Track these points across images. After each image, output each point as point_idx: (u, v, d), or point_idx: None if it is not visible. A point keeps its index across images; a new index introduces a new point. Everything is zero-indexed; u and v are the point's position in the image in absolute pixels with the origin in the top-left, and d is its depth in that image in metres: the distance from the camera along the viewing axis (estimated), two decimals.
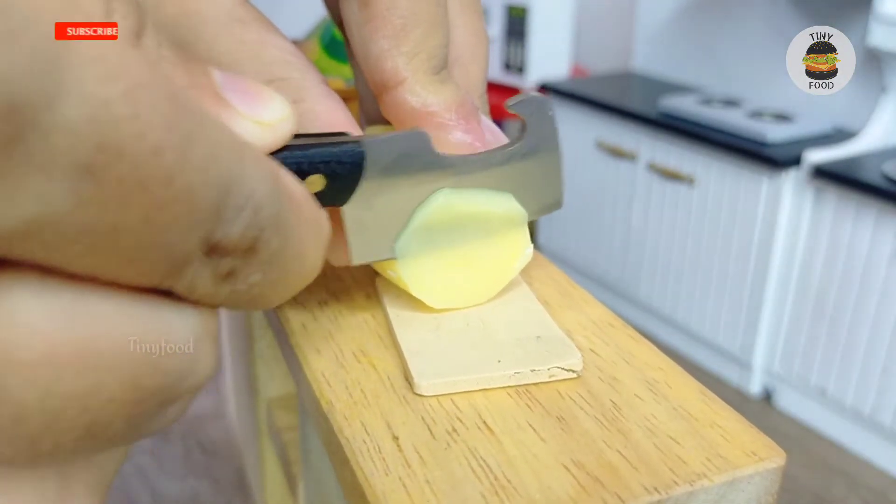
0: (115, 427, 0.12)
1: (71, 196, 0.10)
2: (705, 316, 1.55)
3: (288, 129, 0.17)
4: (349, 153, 0.19)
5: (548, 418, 0.19)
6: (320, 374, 0.20)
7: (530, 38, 1.81)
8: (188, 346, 0.13)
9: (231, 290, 0.13)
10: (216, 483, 1.23)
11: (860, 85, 1.41)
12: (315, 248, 0.15)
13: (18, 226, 0.10)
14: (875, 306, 1.25)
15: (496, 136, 0.22)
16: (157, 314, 0.12)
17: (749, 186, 1.40)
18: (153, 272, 0.11)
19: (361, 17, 0.21)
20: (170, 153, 0.10)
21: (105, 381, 0.11)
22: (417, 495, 0.16)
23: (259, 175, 0.12)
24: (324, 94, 0.21)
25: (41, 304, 0.11)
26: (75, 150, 0.09)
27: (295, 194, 0.14)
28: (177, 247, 0.11)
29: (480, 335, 0.21)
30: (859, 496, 1.27)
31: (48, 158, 0.09)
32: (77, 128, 0.09)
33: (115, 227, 0.10)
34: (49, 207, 0.10)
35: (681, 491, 0.17)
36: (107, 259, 0.11)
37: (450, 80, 0.22)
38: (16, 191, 0.09)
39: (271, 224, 0.13)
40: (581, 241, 1.80)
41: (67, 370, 0.11)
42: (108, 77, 0.10)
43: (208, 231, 0.12)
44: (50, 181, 0.09)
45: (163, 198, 0.11)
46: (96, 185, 0.10)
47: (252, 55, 0.20)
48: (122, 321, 0.12)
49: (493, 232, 0.22)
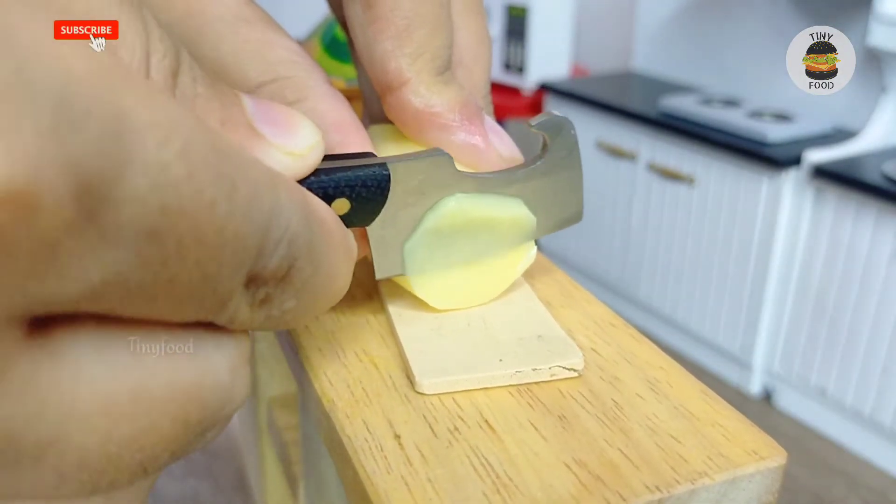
0: (164, 459, 0.12)
1: (136, 258, 0.10)
2: (705, 316, 1.55)
3: (317, 157, 0.17)
4: (375, 177, 0.19)
5: (549, 417, 0.19)
6: (322, 373, 0.20)
7: (530, 38, 1.81)
8: (226, 376, 0.13)
9: (266, 315, 0.13)
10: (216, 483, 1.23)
11: (860, 85, 1.41)
12: (344, 269, 0.16)
13: (86, 290, 0.10)
14: (875, 306, 1.25)
15: (500, 137, 0.22)
16: (199, 351, 0.13)
17: (749, 186, 1.40)
18: (199, 310, 0.12)
19: (365, 18, 0.21)
20: (222, 203, 0.11)
21: (157, 422, 0.12)
22: (419, 494, 0.16)
23: (293, 206, 0.13)
24: (328, 94, 0.21)
25: (100, 357, 0.11)
26: (141, 216, 0.10)
27: (325, 220, 0.15)
28: (223, 286, 0.12)
29: (482, 334, 0.21)
30: (859, 496, 1.27)
31: (117, 228, 0.10)
32: (143, 196, 0.10)
33: (171, 279, 0.11)
34: (115, 272, 0.10)
35: (682, 489, 0.17)
36: (160, 305, 0.11)
37: (453, 81, 0.22)
38: (85, 262, 0.10)
39: (304, 252, 0.13)
40: (581, 241, 1.80)
41: (124, 416, 0.11)
42: (166, 140, 0.10)
43: (251, 267, 0.12)
44: (117, 250, 0.10)
45: (215, 246, 0.11)
46: (159, 245, 0.10)
47: (257, 54, 0.20)
48: (169, 364, 0.12)
49: (501, 236, 0.22)
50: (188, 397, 0.12)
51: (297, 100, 0.20)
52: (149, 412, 0.12)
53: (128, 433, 0.11)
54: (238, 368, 0.13)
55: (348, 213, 0.19)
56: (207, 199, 0.10)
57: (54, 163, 0.08)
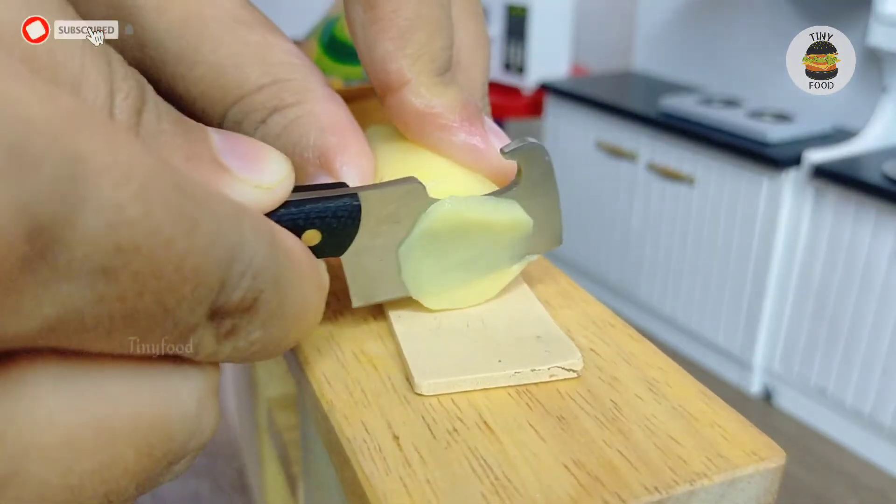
0: (129, 492, 0.12)
1: (91, 294, 0.10)
2: (705, 316, 1.55)
3: (285, 190, 0.17)
4: (345, 208, 0.19)
5: (548, 418, 0.19)
6: (321, 374, 0.20)
7: (530, 38, 1.81)
8: (193, 408, 0.13)
9: (233, 346, 0.13)
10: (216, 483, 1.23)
11: (860, 85, 1.41)
12: (314, 300, 0.16)
13: (40, 326, 0.10)
14: (875, 306, 1.25)
15: (500, 138, 0.23)
16: (164, 383, 0.13)
17: (749, 186, 1.40)
18: (161, 343, 0.12)
19: (366, 18, 0.21)
20: (180, 240, 0.11)
21: (120, 454, 0.12)
22: (418, 495, 0.16)
23: (258, 239, 0.13)
24: (326, 97, 0.21)
25: (60, 390, 0.11)
26: (96, 255, 0.10)
27: (292, 252, 0.15)
28: (184, 320, 0.12)
29: (481, 335, 0.21)
30: (859, 496, 1.27)
31: (70, 267, 0.10)
32: (96, 235, 0.10)
33: (130, 313, 0.11)
34: (70, 308, 0.10)
35: (681, 490, 0.17)
36: (119, 339, 0.11)
37: (453, 83, 0.22)
38: (38, 298, 0.10)
39: (270, 284, 0.13)
40: (581, 240, 1.80)
41: (86, 449, 0.11)
42: (121, 181, 0.10)
43: (213, 300, 0.12)
44: (71, 285, 0.10)
45: (173, 281, 0.11)
46: (115, 282, 0.10)
47: (256, 57, 0.20)
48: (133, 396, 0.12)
49: (498, 238, 0.22)
50: (153, 430, 0.12)
51: (295, 102, 0.20)
52: (112, 445, 0.11)
53: (90, 467, 0.11)
54: (205, 400, 0.13)
55: (319, 243, 0.19)
56: (164, 238, 0.11)
57: (6, 206, 0.09)
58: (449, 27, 0.21)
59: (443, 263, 0.21)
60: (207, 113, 0.21)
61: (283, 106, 0.20)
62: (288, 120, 0.20)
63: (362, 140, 0.21)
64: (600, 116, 1.67)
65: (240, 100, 0.20)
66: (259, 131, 0.20)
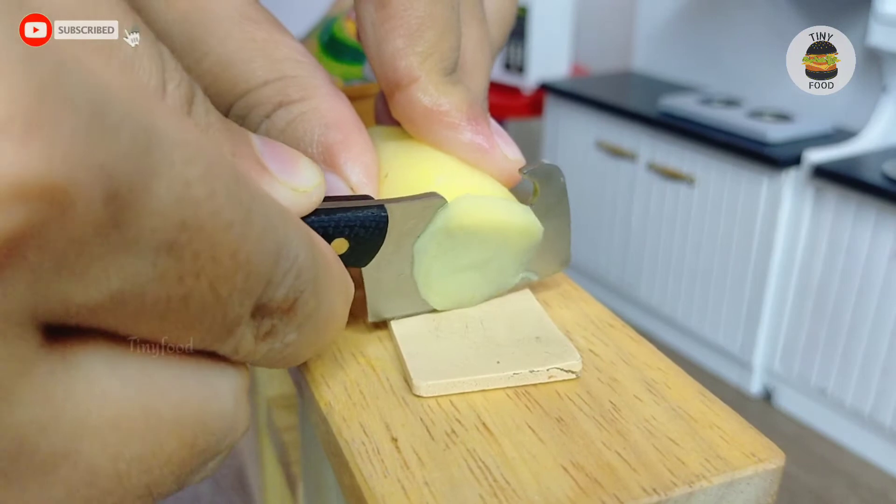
0: (168, 485, 0.12)
1: (153, 271, 0.10)
2: (705, 316, 1.55)
3: (320, 195, 0.18)
4: (374, 218, 0.19)
5: (547, 419, 0.19)
6: (319, 376, 0.20)
7: (530, 38, 1.81)
8: (231, 405, 0.13)
9: (269, 348, 0.14)
10: (216, 483, 1.23)
11: (860, 85, 1.41)
12: (342, 307, 0.16)
13: (103, 300, 0.10)
14: (875, 306, 1.25)
15: (505, 140, 0.23)
16: (206, 378, 0.13)
17: (749, 186, 1.40)
18: (207, 335, 0.12)
19: (378, 17, 0.21)
20: (238, 227, 0.11)
21: (165, 444, 0.12)
22: (416, 497, 0.16)
23: (300, 240, 0.13)
24: (331, 94, 0.21)
25: (113, 372, 0.11)
26: (162, 229, 0.10)
27: (327, 257, 0.15)
28: (232, 311, 0.12)
29: (479, 336, 0.21)
30: (859, 496, 1.27)
31: (138, 238, 0.10)
32: (166, 209, 0.10)
33: (185, 297, 0.11)
34: (133, 282, 0.10)
35: (679, 492, 0.16)
36: (170, 325, 0.11)
37: (460, 83, 0.22)
38: (106, 268, 0.10)
39: (310, 286, 0.14)
40: (581, 241, 1.80)
41: (134, 434, 0.11)
42: (191, 159, 0.10)
43: (260, 295, 0.12)
44: (137, 258, 0.10)
45: (228, 268, 0.11)
46: (176, 260, 0.10)
47: (262, 53, 0.21)
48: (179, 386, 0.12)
49: (510, 243, 0.22)
50: (195, 421, 0.12)
51: (300, 98, 0.20)
52: (158, 431, 0.12)
53: (137, 452, 0.11)
54: (240, 398, 0.14)
55: (345, 253, 0.19)
56: (225, 221, 0.11)
57: (88, 165, 0.09)
58: (458, 28, 0.22)
59: (454, 264, 0.21)
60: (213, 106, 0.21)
61: (288, 101, 0.20)
62: (293, 115, 0.20)
63: (366, 137, 0.21)
64: (600, 116, 1.67)
65: (245, 94, 0.20)
66: (264, 126, 0.21)
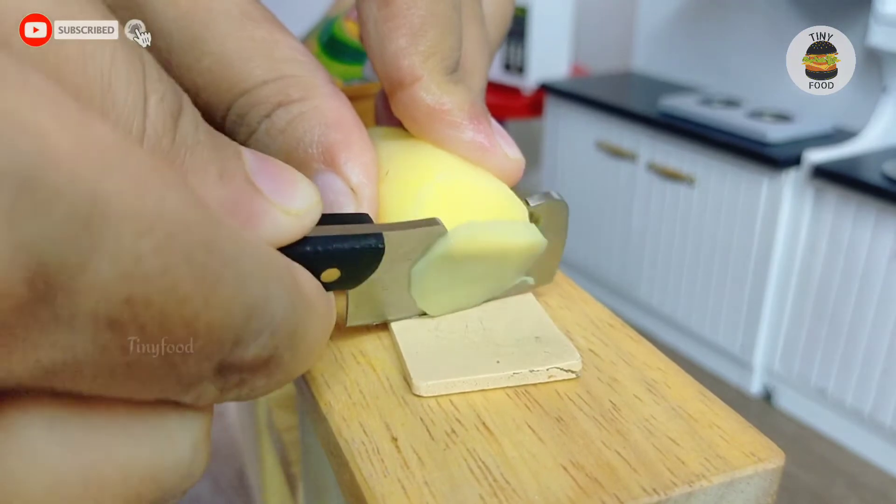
0: None
1: (92, 345, 0.10)
2: (705, 316, 1.55)
3: (313, 219, 0.16)
4: (369, 249, 0.19)
5: (547, 419, 0.19)
6: (319, 375, 0.20)
7: (530, 38, 1.81)
8: (188, 455, 0.12)
9: (236, 395, 0.13)
10: (216, 483, 1.23)
11: (860, 85, 1.41)
12: (322, 340, 0.15)
13: (36, 372, 0.09)
14: (875, 306, 1.25)
15: (505, 139, 0.23)
16: (161, 429, 0.12)
17: (749, 186, 1.40)
18: (163, 393, 0.11)
19: (380, 15, 0.21)
20: (196, 301, 0.10)
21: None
22: (416, 497, 0.16)
23: (281, 295, 0.12)
24: (331, 94, 0.21)
25: (52, 435, 0.10)
26: (102, 305, 0.09)
27: (311, 298, 0.14)
28: (189, 373, 0.11)
29: (479, 336, 0.21)
30: (859, 496, 1.27)
31: (73, 316, 0.09)
32: (107, 285, 0.09)
33: (132, 365, 0.10)
34: (70, 356, 0.09)
35: (679, 492, 0.16)
36: (118, 387, 0.11)
37: (462, 82, 0.22)
38: (36, 344, 0.09)
39: (286, 340, 0.13)
40: (581, 240, 1.80)
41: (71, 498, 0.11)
42: (144, 231, 0.09)
43: (224, 357, 0.11)
44: (72, 334, 0.09)
45: (182, 336, 0.10)
46: (119, 334, 0.10)
47: (262, 52, 0.20)
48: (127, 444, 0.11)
49: (512, 259, 0.22)
50: (144, 479, 0.11)
51: (301, 97, 0.20)
52: (99, 494, 0.11)
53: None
54: (200, 444, 0.13)
55: (335, 280, 0.18)
56: (180, 295, 0.10)
57: (6, 246, 0.08)
58: (459, 28, 0.22)
59: (453, 280, 0.21)
60: (212, 105, 0.21)
61: (288, 101, 0.20)
62: (292, 115, 0.20)
63: (366, 137, 0.21)
64: (600, 116, 1.67)
65: (245, 93, 0.20)
66: (263, 125, 0.20)
